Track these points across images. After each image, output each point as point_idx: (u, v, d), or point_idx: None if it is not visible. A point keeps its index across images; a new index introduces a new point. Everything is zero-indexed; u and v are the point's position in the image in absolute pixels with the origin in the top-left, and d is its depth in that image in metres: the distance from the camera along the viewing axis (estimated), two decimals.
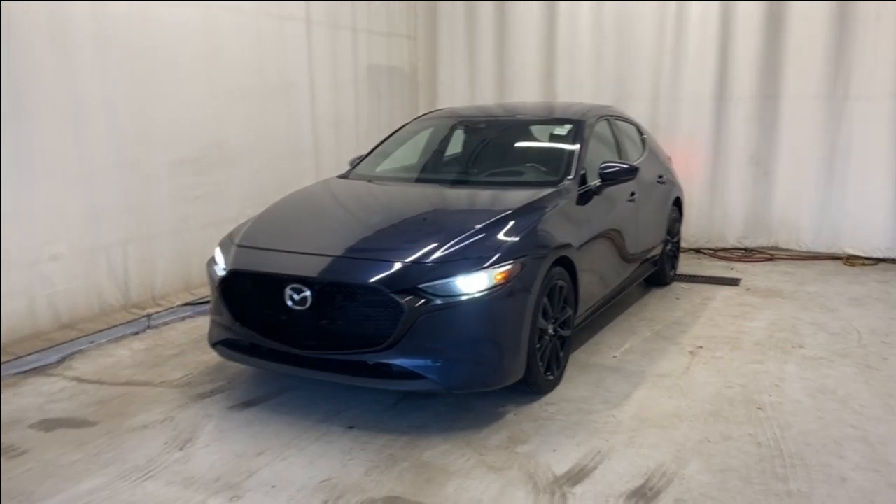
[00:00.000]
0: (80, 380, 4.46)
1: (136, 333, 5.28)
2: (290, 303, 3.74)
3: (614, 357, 4.75)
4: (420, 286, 3.59)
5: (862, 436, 3.62)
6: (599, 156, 5.14)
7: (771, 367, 4.53)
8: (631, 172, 4.88)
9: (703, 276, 6.85)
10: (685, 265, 7.23)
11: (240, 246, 4.14)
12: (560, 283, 4.15)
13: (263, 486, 3.20)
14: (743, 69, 7.55)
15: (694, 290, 6.38)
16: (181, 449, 3.56)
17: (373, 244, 3.96)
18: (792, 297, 6.11)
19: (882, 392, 4.15)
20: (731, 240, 7.92)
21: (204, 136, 5.89)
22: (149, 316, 5.45)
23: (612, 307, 5.41)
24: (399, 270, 3.65)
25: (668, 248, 6.42)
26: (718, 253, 7.80)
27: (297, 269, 3.79)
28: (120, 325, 5.27)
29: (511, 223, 4.01)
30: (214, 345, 4.21)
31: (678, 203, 6.67)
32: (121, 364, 4.71)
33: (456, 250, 3.74)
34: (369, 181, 5.11)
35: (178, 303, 5.75)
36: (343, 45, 7.45)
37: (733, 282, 6.68)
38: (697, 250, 7.93)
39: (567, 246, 4.21)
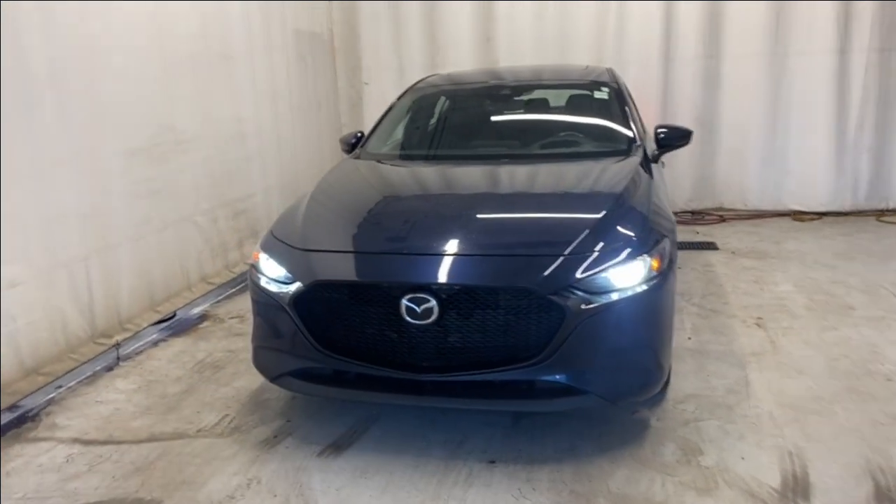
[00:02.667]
0: (83, 441, 3.39)
1: (110, 369, 4.19)
2: (408, 317, 2.97)
3: (689, 339, 4.37)
4: (574, 284, 2.97)
5: None
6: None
7: (849, 333, 4.36)
8: (686, 136, 4.49)
9: (681, 242, 6.67)
10: None
11: (311, 250, 3.26)
12: None
13: None
14: (687, 29, 7.42)
15: (683, 257, 6.16)
16: None
17: (494, 237, 3.25)
18: (782, 257, 6.06)
19: None
20: (680, 203, 7.84)
21: (156, 118, 4.77)
22: (118, 345, 4.36)
23: None
24: (549, 267, 2.99)
25: None
26: None
27: (415, 274, 3.02)
28: (88, 361, 4.16)
29: (631, 202, 3.47)
30: (277, 377, 3.32)
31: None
32: (123, 413, 3.66)
33: (601, 240, 3.13)
34: (401, 163, 4.32)
35: (146, 324, 4.66)
36: (273, 6, 6.43)
37: (710, 245, 6.57)
38: None
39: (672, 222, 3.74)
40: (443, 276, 2.99)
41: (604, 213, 3.31)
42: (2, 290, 3.58)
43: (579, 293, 2.95)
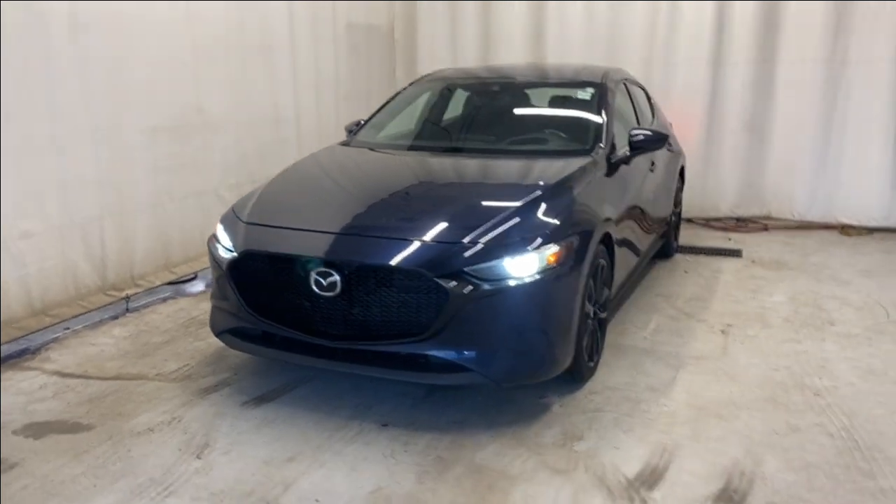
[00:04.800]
0: (62, 374, 3.96)
1: (115, 318, 4.77)
2: (316, 288, 3.31)
3: (645, 338, 4.47)
4: (465, 270, 3.21)
5: None
6: (620, 122, 4.81)
7: (809, 347, 4.32)
8: (660, 140, 4.57)
9: (704, 248, 6.63)
10: (683, 236, 6.99)
11: (250, 223, 3.67)
12: (602, 261, 3.83)
13: (306, 501, 2.81)
14: (740, 32, 7.28)
15: (699, 263, 6.15)
16: (198, 456, 3.14)
17: (407, 222, 3.53)
18: (801, 269, 5.93)
19: None
20: (725, 209, 7.72)
21: (182, 100, 5.32)
22: (127, 298, 4.94)
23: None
24: (443, 252, 3.26)
25: (673, 219, 6.17)
26: (711, 223, 7.60)
27: (324, 250, 3.36)
28: (97, 308, 4.75)
29: (555, 198, 3.65)
30: (219, 333, 3.77)
31: (682, 172, 6.42)
32: (105, 354, 4.22)
33: (503, 230, 3.36)
34: (376, 150, 4.66)
35: (159, 283, 5.24)
36: (323, 3, 6.89)
37: (736, 253, 6.48)
38: (690, 220, 7.71)
39: (608, 220, 3.88)
40: (346, 254, 3.32)
41: (516, 206, 3.52)
42: (14, 239, 4.19)
43: (470, 279, 3.19)
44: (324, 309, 3.36)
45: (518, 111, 4.94)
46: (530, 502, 2.82)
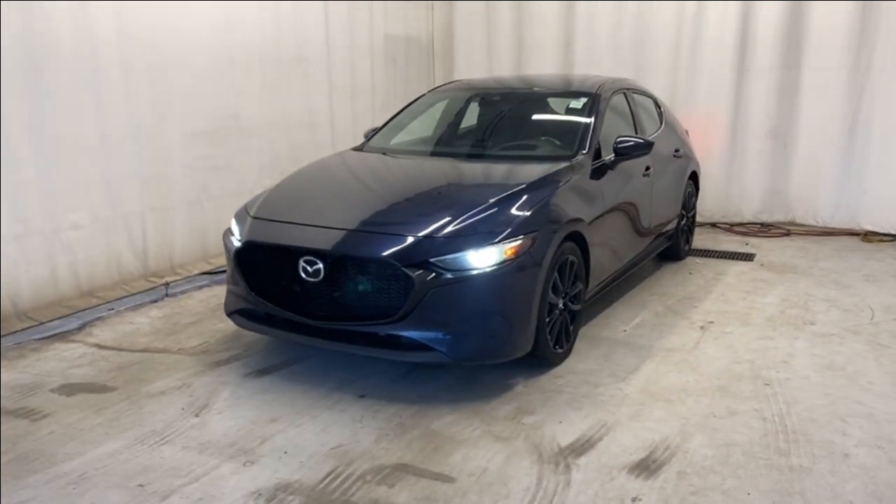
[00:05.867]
0: (100, 346, 4.58)
1: (155, 302, 5.39)
2: (303, 274, 3.81)
3: (624, 331, 4.79)
4: (431, 260, 3.64)
5: (868, 412, 3.64)
6: (616, 129, 5.15)
7: (781, 344, 4.55)
8: (646, 147, 4.88)
9: (717, 251, 6.85)
10: (701, 239, 7.23)
11: (255, 217, 4.20)
12: (571, 258, 4.18)
13: (276, 452, 3.30)
14: (765, 39, 7.44)
15: (708, 265, 6.38)
16: (197, 415, 3.67)
17: (387, 218, 4.00)
18: (806, 273, 6.10)
19: (891, 369, 4.16)
20: (748, 214, 7.88)
21: (220, 108, 5.94)
22: (167, 284, 5.56)
23: (624, 281, 5.44)
24: (411, 244, 3.70)
25: (683, 222, 6.42)
26: (735, 228, 7.78)
27: (310, 241, 3.85)
28: (139, 293, 5.38)
29: (523, 198, 4.04)
30: (230, 314, 4.30)
31: (694, 177, 6.65)
32: (139, 332, 4.82)
33: (467, 225, 3.78)
34: (384, 154, 5.14)
35: (196, 272, 5.85)
36: (360, 14, 7.43)
37: (748, 257, 6.67)
38: (714, 224, 7.91)
39: (578, 221, 4.23)
40: (328, 245, 3.80)
41: (485, 205, 3.92)
42: (65, 229, 4.86)
43: (435, 268, 3.63)
44: (311, 293, 3.86)
45: (514, 119, 5.34)
46: (468, 461, 3.23)
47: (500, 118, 5.40)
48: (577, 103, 5.17)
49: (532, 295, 3.83)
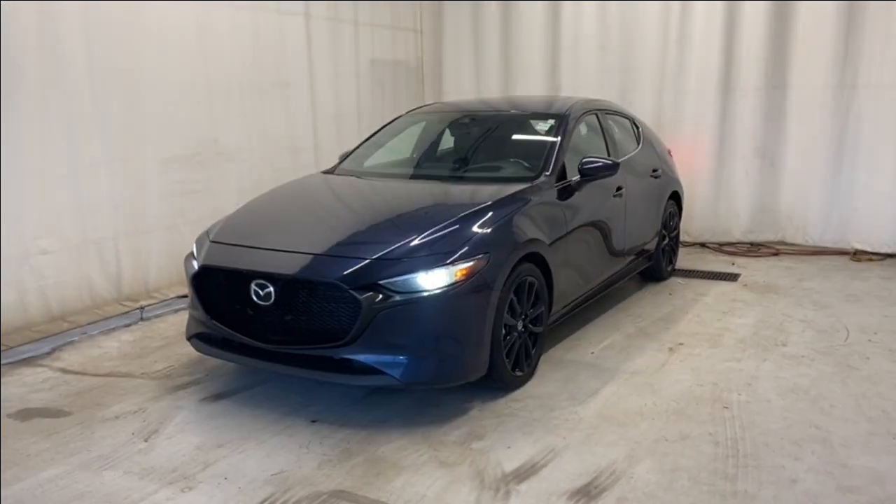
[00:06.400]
0: (64, 370, 4.59)
1: (128, 325, 5.41)
2: (255, 298, 3.81)
3: (592, 353, 4.74)
4: (380, 282, 3.63)
5: (824, 437, 3.57)
6: (588, 150, 5.14)
7: (747, 366, 4.48)
8: (612, 168, 4.86)
9: (701, 271, 6.78)
10: (688, 260, 7.17)
11: (213, 242, 4.22)
12: (530, 279, 4.16)
13: (216, 478, 3.28)
14: (749, 59, 7.41)
15: (690, 286, 6.32)
16: (146, 440, 3.66)
17: (341, 240, 3.99)
18: (787, 293, 6.02)
19: (856, 392, 4.08)
20: (737, 234, 7.81)
21: (197, 133, 5.98)
22: (142, 308, 5.58)
23: (601, 302, 5.41)
24: (361, 267, 3.69)
25: (665, 242, 6.37)
26: (724, 247, 7.71)
27: (262, 265, 3.85)
28: (113, 316, 5.40)
29: (480, 219, 4.03)
30: (190, 338, 4.30)
31: (676, 197, 6.60)
32: (106, 356, 4.84)
33: (417, 246, 3.77)
34: (353, 177, 5.15)
35: (172, 295, 5.87)
36: (344, 39, 7.49)
37: (732, 277, 6.60)
38: (703, 244, 7.85)
39: (536, 242, 4.20)
40: (279, 269, 3.80)
41: (438, 227, 3.91)
42: (34, 254, 4.91)
43: (384, 290, 3.62)
44: (263, 317, 3.86)
45: (484, 141, 5.34)
46: (407, 488, 3.19)
47: (472, 140, 5.41)
48: (545, 125, 5.18)
49: (485, 317, 3.80)
